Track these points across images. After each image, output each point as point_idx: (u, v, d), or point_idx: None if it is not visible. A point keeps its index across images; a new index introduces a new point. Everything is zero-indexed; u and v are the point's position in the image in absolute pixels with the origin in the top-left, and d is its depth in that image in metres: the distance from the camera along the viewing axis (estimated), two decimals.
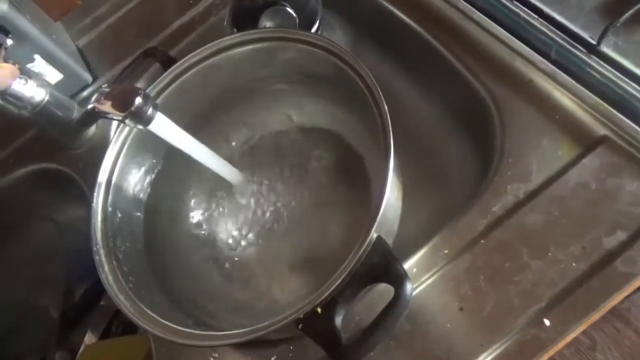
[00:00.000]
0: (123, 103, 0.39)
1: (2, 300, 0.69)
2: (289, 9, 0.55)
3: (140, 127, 0.41)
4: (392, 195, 0.40)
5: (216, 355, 0.46)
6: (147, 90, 0.46)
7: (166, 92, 0.48)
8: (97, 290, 0.71)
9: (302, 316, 0.34)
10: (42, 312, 0.72)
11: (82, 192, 0.59)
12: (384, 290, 0.38)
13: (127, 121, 0.40)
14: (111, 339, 0.63)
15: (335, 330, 0.34)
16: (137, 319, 0.39)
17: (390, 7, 0.58)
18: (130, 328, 0.68)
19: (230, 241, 0.51)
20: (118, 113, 0.40)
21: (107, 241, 0.44)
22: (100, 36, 0.68)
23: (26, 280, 0.70)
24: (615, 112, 0.44)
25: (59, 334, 0.69)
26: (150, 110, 0.40)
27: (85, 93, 0.65)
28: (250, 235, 0.51)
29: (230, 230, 0.52)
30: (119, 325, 0.69)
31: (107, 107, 0.40)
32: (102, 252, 0.43)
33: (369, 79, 0.40)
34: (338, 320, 0.34)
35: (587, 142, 0.44)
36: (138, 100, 0.39)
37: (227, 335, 0.36)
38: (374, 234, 0.35)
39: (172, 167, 0.50)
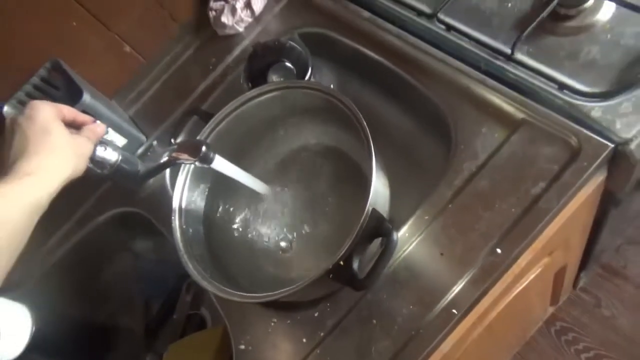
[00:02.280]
0: (193, 152, 0.58)
1: (97, 320, 0.87)
2: (287, 64, 0.75)
3: (205, 166, 0.59)
4: (379, 183, 0.57)
5: (275, 320, 0.63)
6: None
7: (211, 136, 0.66)
8: (170, 304, 0.88)
9: (331, 267, 0.51)
10: (129, 331, 0.89)
11: (151, 226, 0.77)
12: None
13: (197, 163, 0.58)
14: (190, 335, 0.80)
15: (354, 272, 0.51)
16: (219, 293, 0.57)
17: (362, 49, 0.77)
18: (201, 327, 0.85)
19: (267, 237, 0.70)
20: (189, 159, 0.58)
21: (187, 248, 0.62)
22: (145, 105, 0.88)
23: (115, 301, 0.87)
24: (528, 100, 0.62)
25: (146, 343, 0.86)
26: (211, 154, 0.58)
27: (141, 150, 0.84)
28: (281, 231, 0.70)
29: (266, 229, 0.71)
30: (191, 328, 0.86)
31: (182, 156, 0.59)
32: (185, 256, 0.61)
33: (351, 106, 0.58)
34: (355, 266, 0.52)
35: (512, 125, 0.61)
36: (204, 148, 0.57)
37: (280, 292, 0.53)
38: (369, 208, 0.53)
39: (217, 189, 0.68)
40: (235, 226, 0.71)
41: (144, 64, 0.88)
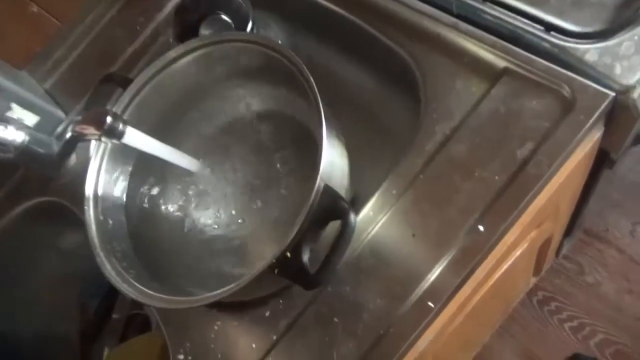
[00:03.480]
0: (97, 124, 0.46)
1: (26, 331, 0.76)
2: (223, 16, 0.63)
3: (115, 141, 0.48)
4: (334, 153, 0.47)
5: (219, 323, 0.53)
6: (113, 109, 0.53)
7: (130, 108, 0.54)
8: (108, 303, 0.77)
9: (275, 261, 0.41)
10: (64, 336, 0.78)
11: (77, 218, 0.65)
12: None
13: (103, 138, 0.47)
14: (129, 340, 0.70)
15: (303, 266, 0.41)
16: (141, 298, 0.46)
17: None
18: (144, 329, 0.75)
19: (206, 225, 0.59)
20: (94, 133, 0.46)
21: (104, 244, 0.51)
22: (63, 76, 0.75)
23: (44, 307, 0.76)
24: (510, 46, 0.51)
25: (83, 349, 0.75)
26: (121, 126, 0.47)
27: (60, 128, 0.71)
28: (221, 213, 0.59)
29: (204, 216, 0.60)
30: (133, 331, 0.76)
31: (84, 130, 0.47)
32: (101, 254, 0.50)
33: (295, 59, 0.47)
34: (305, 258, 0.41)
35: (492, 76, 0.51)
36: (109, 119, 0.46)
37: (217, 293, 0.43)
38: (321, 184, 0.42)
39: (142, 169, 0.57)
40: (167, 214, 0.60)
41: (59, 27, 0.74)
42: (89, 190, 0.52)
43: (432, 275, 0.46)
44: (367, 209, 0.51)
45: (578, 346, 1.18)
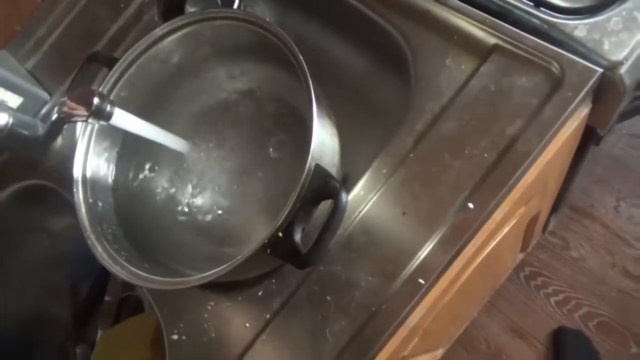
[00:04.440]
0: (84, 105, 0.45)
1: (16, 315, 0.75)
2: None
3: (102, 123, 0.47)
4: (324, 132, 0.47)
5: (212, 303, 0.53)
6: (100, 90, 0.52)
7: (116, 88, 0.53)
8: (100, 286, 0.77)
9: (267, 242, 0.41)
10: (55, 320, 0.78)
11: (65, 200, 0.64)
12: None
13: (90, 120, 0.46)
14: (123, 322, 0.70)
15: (295, 246, 0.41)
16: (134, 280, 0.46)
17: None
18: (137, 311, 0.75)
19: (196, 206, 0.59)
20: (81, 114, 0.46)
21: (94, 227, 0.50)
22: (45, 55, 0.73)
23: (34, 291, 0.75)
24: (500, 22, 0.51)
25: (75, 332, 0.75)
26: (108, 107, 0.46)
27: (44, 110, 0.70)
28: (211, 193, 0.58)
29: (195, 197, 0.59)
30: (126, 313, 0.76)
31: (70, 111, 0.46)
32: (92, 236, 0.50)
33: (283, 37, 0.46)
34: (297, 237, 0.41)
35: (482, 53, 0.51)
36: (96, 99, 0.45)
37: (210, 274, 0.43)
38: (312, 164, 0.42)
39: (130, 150, 0.56)
40: (156, 195, 0.59)
41: (40, 3, 0.72)
42: (77, 173, 0.52)
43: (423, 253, 0.46)
44: (358, 188, 0.51)
45: (563, 319, 1.21)
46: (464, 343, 1.24)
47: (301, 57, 0.45)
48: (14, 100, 0.65)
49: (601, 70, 0.46)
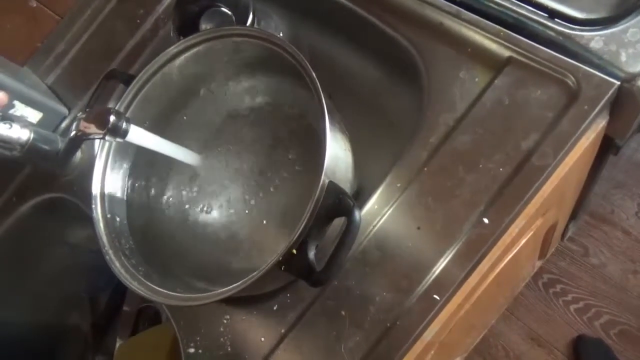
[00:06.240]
0: (100, 123, 0.46)
1: (36, 325, 0.77)
2: (224, 9, 0.62)
3: (119, 140, 0.48)
4: (337, 147, 0.47)
5: (228, 317, 0.54)
6: (116, 108, 0.53)
7: (133, 105, 0.54)
8: (118, 296, 0.78)
9: (281, 259, 0.41)
10: (75, 330, 0.79)
11: (84, 213, 0.66)
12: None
13: (107, 137, 0.47)
14: (140, 333, 0.71)
15: (309, 263, 0.41)
16: (152, 296, 0.46)
17: None
18: (155, 321, 0.76)
19: (212, 220, 0.59)
20: (98, 132, 0.47)
21: (112, 242, 0.51)
22: (65, 70, 0.75)
23: (54, 301, 0.77)
24: (515, 34, 0.51)
25: (94, 342, 0.77)
26: (124, 125, 0.47)
27: (64, 124, 0.71)
28: (225, 208, 0.59)
29: (210, 211, 0.60)
30: (144, 323, 0.77)
31: (87, 130, 0.47)
32: (110, 252, 0.51)
33: (295, 53, 0.47)
34: (311, 254, 0.42)
35: (496, 66, 0.51)
36: (112, 118, 0.46)
37: (227, 290, 0.44)
38: (325, 181, 0.42)
39: (145, 165, 0.57)
40: (171, 210, 0.60)
41: (59, 22, 0.73)
42: (95, 190, 0.53)
43: (438, 268, 0.46)
44: (371, 202, 0.51)
45: (583, 327, 1.19)
46: (482, 351, 1.22)
47: (313, 73, 0.45)
48: (34, 116, 0.67)
49: (618, 82, 0.46)
